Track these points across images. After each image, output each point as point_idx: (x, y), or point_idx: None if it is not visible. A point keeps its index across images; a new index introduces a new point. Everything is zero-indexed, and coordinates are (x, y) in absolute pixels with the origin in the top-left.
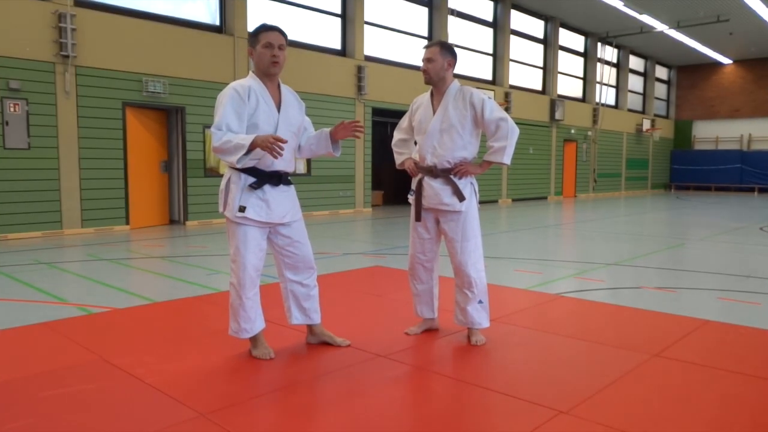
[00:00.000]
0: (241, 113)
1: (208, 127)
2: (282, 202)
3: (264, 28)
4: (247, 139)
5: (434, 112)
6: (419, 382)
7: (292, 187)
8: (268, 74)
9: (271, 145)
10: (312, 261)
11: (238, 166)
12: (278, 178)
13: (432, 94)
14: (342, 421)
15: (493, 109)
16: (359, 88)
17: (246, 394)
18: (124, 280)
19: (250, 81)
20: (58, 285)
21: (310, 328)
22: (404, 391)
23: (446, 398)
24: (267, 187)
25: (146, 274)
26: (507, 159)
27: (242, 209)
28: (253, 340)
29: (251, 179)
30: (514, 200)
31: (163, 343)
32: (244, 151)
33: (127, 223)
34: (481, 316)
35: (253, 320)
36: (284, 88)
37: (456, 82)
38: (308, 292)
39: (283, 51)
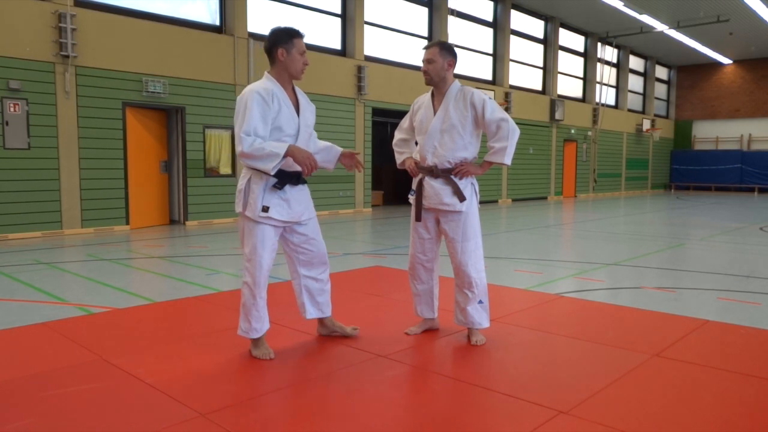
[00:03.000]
0: (267, 117)
1: (209, 127)
2: (300, 200)
3: (298, 34)
4: (280, 148)
5: (435, 113)
6: (419, 382)
7: (306, 185)
8: (296, 78)
9: (310, 164)
10: (326, 256)
11: (272, 173)
12: (297, 178)
13: (433, 95)
14: (342, 421)
15: (494, 110)
16: (359, 88)
17: (246, 394)
18: (124, 280)
19: (270, 84)
20: (58, 285)
21: (321, 320)
22: (404, 391)
23: (446, 398)
24: (287, 187)
25: (146, 274)
26: (508, 159)
27: (266, 209)
28: (256, 339)
29: (273, 180)
30: (514, 200)
31: (163, 343)
32: (278, 160)
33: (127, 223)
34: (481, 317)
35: (263, 320)
36: (297, 90)
37: (457, 83)
38: (322, 287)
39: None
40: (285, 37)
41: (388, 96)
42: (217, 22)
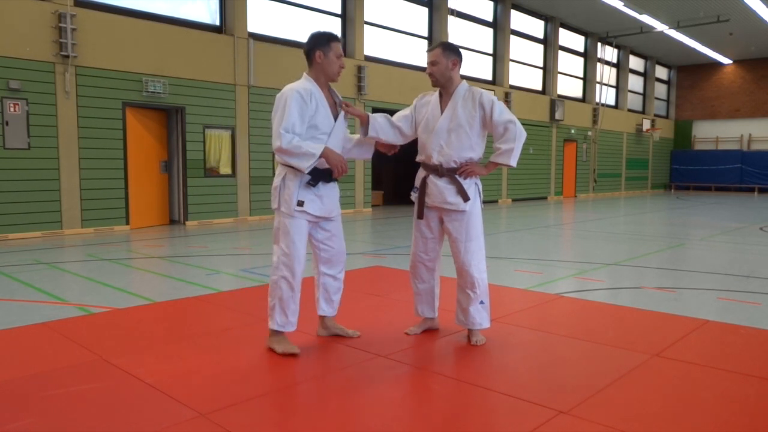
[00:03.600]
0: (304, 116)
1: (209, 127)
2: (332, 197)
3: (336, 38)
4: (317, 149)
5: (442, 112)
6: (419, 382)
7: (336, 183)
8: (332, 80)
9: (341, 168)
10: (344, 255)
11: (306, 171)
12: (330, 175)
13: (440, 95)
14: (342, 421)
15: (502, 112)
16: (359, 88)
17: (246, 394)
18: (124, 280)
19: (309, 84)
20: (58, 285)
21: (323, 321)
22: (404, 392)
23: (446, 398)
24: (320, 184)
25: (146, 274)
26: (513, 161)
27: (300, 204)
28: (280, 336)
29: (307, 177)
30: (514, 200)
31: (163, 343)
32: (313, 160)
33: (127, 223)
34: (482, 317)
35: (297, 314)
36: (333, 90)
37: (464, 83)
38: (339, 286)
39: None
40: (323, 40)
41: (388, 96)
42: (217, 22)
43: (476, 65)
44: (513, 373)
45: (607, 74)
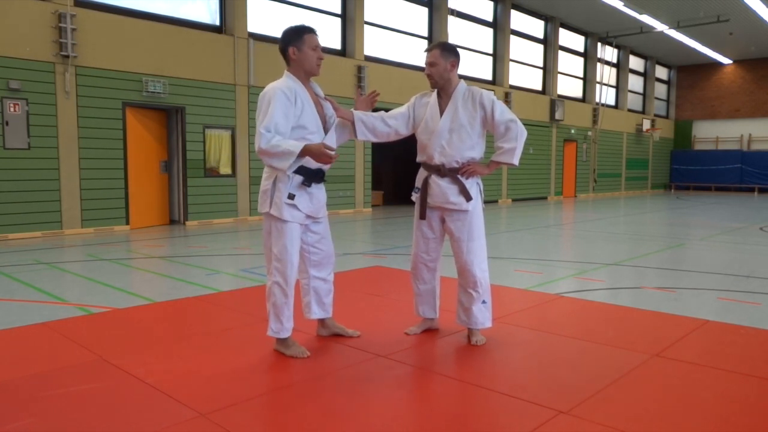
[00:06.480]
0: (289, 115)
1: (209, 127)
2: (320, 198)
3: (309, 30)
4: (296, 146)
5: (441, 113)
6: (419, 382)
7: (324, 185)
8: (312, 75)
9: (328, 156)
10: (333, 257)
11: (288, 172)
12: (321, 175)
13: (439, 95)
14: (342, 421)
15: (503, 111)
16: (359, 88)
17: (246, 394)
18: (124, 280)
19: (292, 83)
20: (58, 285)
21: (322, 321)
22: (404, 392)
23: (446, 398)
24: (312, 183)
25: (146, 274)
26: (516, 160)
27: (291, 197)
28: (285, 340)
29: (299, 178)
30: (514, 200)
31: (163, 343)
32: (293, 159)
33: (127, 223)
34: (484, 317)
35: (292, 319)
36: (314, 85)
37: (463, 83)
38: (329, 288)
39: None
40: (294, 35)
41: (388, 96)
42: (217, 22)
43: (476, 65)
44: (513, 373)
45: (607, 74)
